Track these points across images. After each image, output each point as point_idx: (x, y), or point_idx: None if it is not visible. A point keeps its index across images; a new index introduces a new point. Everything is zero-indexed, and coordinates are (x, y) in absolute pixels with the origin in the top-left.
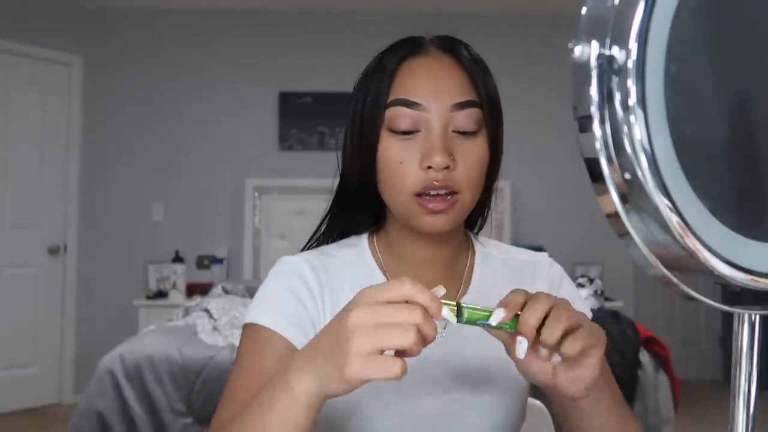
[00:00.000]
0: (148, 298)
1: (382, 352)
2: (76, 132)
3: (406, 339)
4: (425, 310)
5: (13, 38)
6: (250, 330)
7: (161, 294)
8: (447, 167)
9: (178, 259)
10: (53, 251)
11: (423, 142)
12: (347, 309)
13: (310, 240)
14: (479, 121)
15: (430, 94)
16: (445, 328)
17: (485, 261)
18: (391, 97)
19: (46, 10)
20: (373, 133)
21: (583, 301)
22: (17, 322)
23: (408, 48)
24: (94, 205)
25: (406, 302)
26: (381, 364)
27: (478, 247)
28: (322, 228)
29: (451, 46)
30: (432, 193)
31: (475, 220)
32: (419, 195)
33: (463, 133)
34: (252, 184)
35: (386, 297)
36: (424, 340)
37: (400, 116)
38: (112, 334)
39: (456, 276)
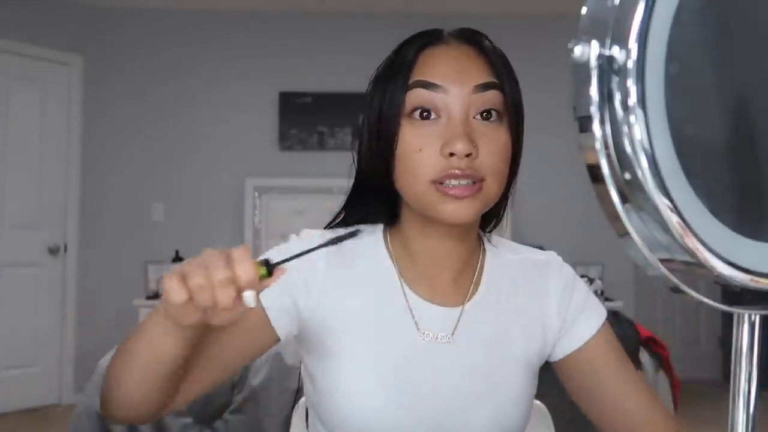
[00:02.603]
0: (148, 298)
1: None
2: (76, 132)
3: (193, 281)
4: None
5: (13, 38)
6: None
7: (161, 294)
8: (469, 154)
9: (178, 259)
10: (53, 251)
11: (444, 128)
12: None
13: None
14: (501, 106)
15: (450, 76)
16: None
17: (496, 262)
18: (411, 81)
19: (46, 10)
20: (393, 122)
21: (596, 302)
22: (17, 322)
23: (427, 38)
24: (94, 205)
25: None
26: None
27: (489, 247)
28: (338, 220)
29: (471, 37)
30: (453, 183)
31: (489, 219)
32: (438, 183)
33: (485, 119)
34: (252, 184)
35: (232, 255)
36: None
37: (419, 100)
38: (112, 334)
39: (467, 276)
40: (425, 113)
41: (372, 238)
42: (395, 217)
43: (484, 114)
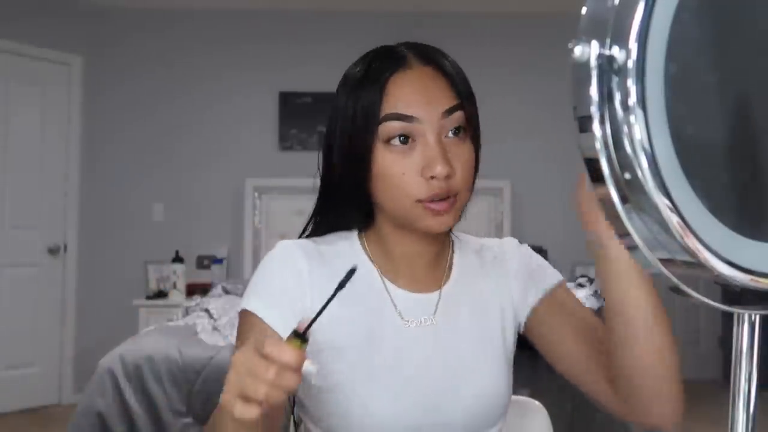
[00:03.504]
0: (148, 298)
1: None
2: (75, 132)
3: (257, 394)
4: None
5: (13, 38)
6: (243, 316)
7: (161, 294)
8: (448, 176)
9: (178, 259)
10: (53, 251)
11: (421, 152)
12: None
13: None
14: (464, 123)
15: (420, 105)
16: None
17: (463, 252)
18: (384, 113)
19: (46, 10)
20: (366, 146)
21: (552, 269)
22: (17, 322)
23: (392, 64)
24: (94, 205)
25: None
26: (239, 407)
27: (455, 239)
28: (309, 227)
29: (431, 57)
30: (435, 200)
31: None
32: (423, 201)
33: (454, 135)
34: (252, 184)
35: (266, 352)
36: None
37: (395, 130)
38: (112, 334)
39: (440, 267)
40: (402, 138)
41: (347, 243)
42: (368, 220)
43: (453, 131)
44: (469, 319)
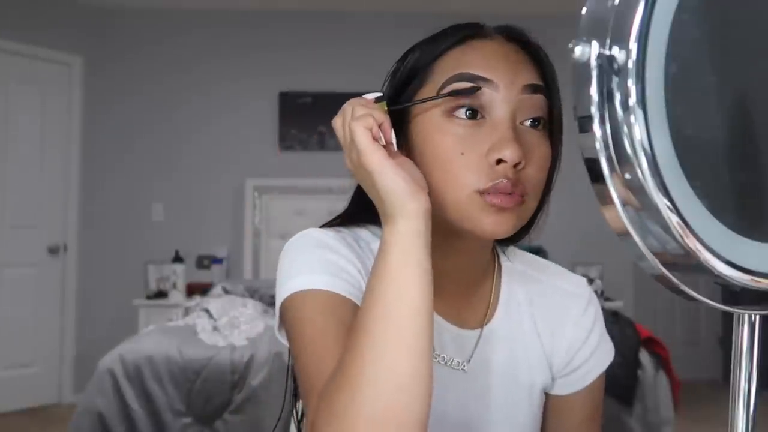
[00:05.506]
0: (148, 298)
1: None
2: (76, 132)
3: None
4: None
5: (13, 38)
6: (293, 303)
7: (161, 294)
8: (518, 164)
9: (178, 259)
10: (53, 251)
11: (489, 131)
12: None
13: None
14: (546, 114)
15: (498, 70)
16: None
17: (511, 279)
18: (453, 72)
19: (46, 10)
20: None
21: (604, 346)
22: (17, 322)
23: (468, 29)
24: (94, 205)
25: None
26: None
27: (503, 261)
28: (339, 218)
29: (517, 36)
30: (498, 192)
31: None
32: (483, 192)
33: (532, 126)
34: (252, 184)
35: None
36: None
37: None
38: (112, 334)
39: (483, 295)
40: (469, 112)
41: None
42: None
43: (532, 121)
44: (507, 370)
